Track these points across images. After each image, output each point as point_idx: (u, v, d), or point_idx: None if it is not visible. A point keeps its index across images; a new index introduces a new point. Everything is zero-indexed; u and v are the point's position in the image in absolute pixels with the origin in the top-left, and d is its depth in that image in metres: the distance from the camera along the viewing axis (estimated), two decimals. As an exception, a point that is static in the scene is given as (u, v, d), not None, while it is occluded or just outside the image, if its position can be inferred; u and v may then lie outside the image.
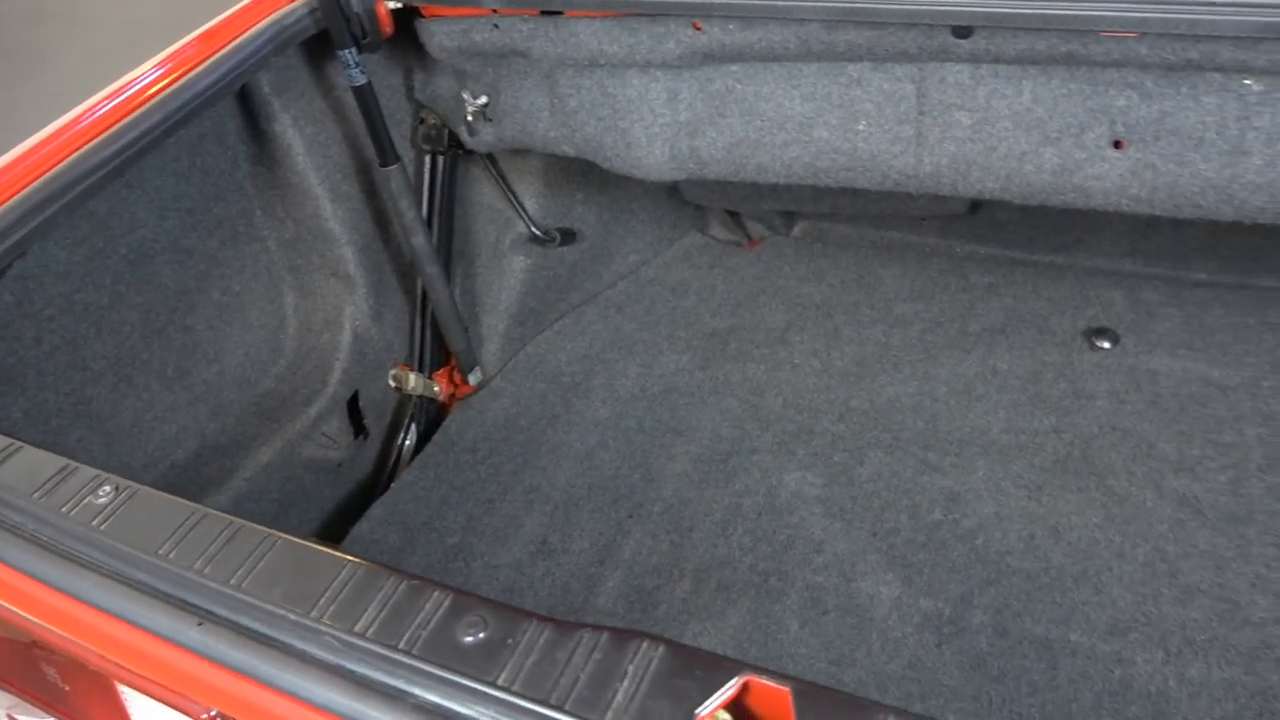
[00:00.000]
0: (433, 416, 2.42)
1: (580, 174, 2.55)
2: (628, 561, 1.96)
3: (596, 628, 0.87)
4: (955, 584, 1.82)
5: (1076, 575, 1.80)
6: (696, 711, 0.81)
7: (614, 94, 1.94)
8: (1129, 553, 1.82)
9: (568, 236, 2.55)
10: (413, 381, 2.33)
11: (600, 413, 2.32)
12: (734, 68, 1.85)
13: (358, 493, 2.27)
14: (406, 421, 2.38)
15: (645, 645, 0.85)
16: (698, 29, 1.77)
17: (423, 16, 2.01)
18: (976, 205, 2.51)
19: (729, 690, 0.82)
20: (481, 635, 0.88)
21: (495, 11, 1.89)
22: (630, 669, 0.83)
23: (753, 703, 0.83)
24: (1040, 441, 2.06)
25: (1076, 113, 1.65)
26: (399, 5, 1.93)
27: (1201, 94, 1.56)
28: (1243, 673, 1.61)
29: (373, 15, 1.90)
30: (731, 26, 1.74)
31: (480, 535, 2.06)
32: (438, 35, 2.02)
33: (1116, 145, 1.66)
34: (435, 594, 0.91)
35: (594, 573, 1.95)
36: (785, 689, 0.80)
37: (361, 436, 2.26)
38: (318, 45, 2.01)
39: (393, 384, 2.33)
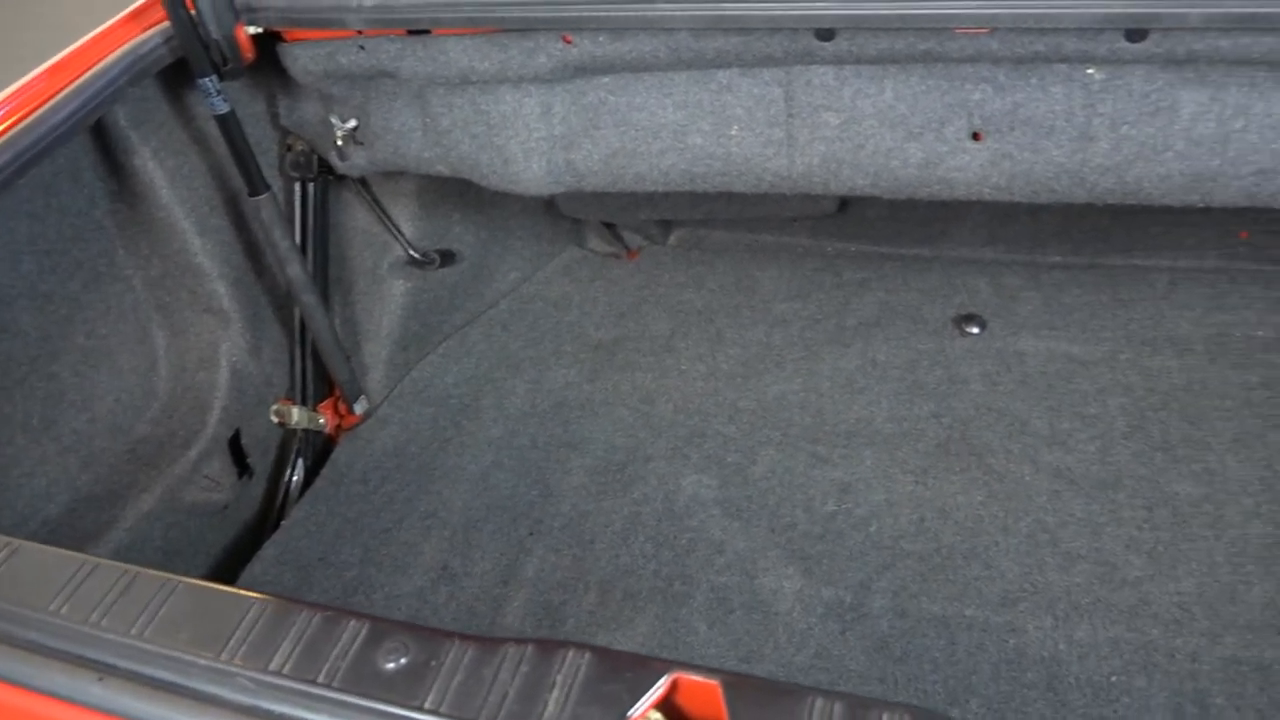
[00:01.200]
0: (319, 450, 2.36)
1: (456, 194, 2.53)
2: (531, 579, 1.95)
3: (520, 641, 0.87)
4: (853, 572, 1.87)
5: (966, 552, 1.87)
6: (629, 714, 0.81)
7: (487, 111, 1.94)
8: (1012, 526, 1.90)
9: (447, 258, 2.53)
10: (296, 415, 2.27)
11: (492, 432, 2.30)
12: (605, 79, 1.87)
13: (246, 535, 2.20)
14: (292, 457, 2.31)
15: (571, 654, 0.85)
16: (568, 42, 1.78)
17: (285, 41, 1.97)
18: (845, 204, 2.59)
19: (659, 690, 0.82)
20: (403, 660, 0.86)
21: (361, 33, 1.86)
22: (559, 678, 0.83)
23: (682, 700, 0.84)
24: (922, 427, 2.13)
25: (936, 108, 1.73)
26: (260, 30, 1.89)
27: (1049, 84, 1.65)
28: (1125, 630, 1.70)
29: (233, 41, 1.85)
30: (602, 38, 1.76)
31: (379, 566, 2.02)
32: (301, 59, 1.98)
33: (975, 137, 1.74)
34: (351, 623, 0.89)
35: (499, 593, 1.93)
36: (714, 682, 0.81)
37: (246, 476, 2.19)
38: (176, 75, 1.94)
39: (275, 420, 2.26)
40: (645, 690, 0.82)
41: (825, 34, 1.63)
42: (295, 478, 2.30)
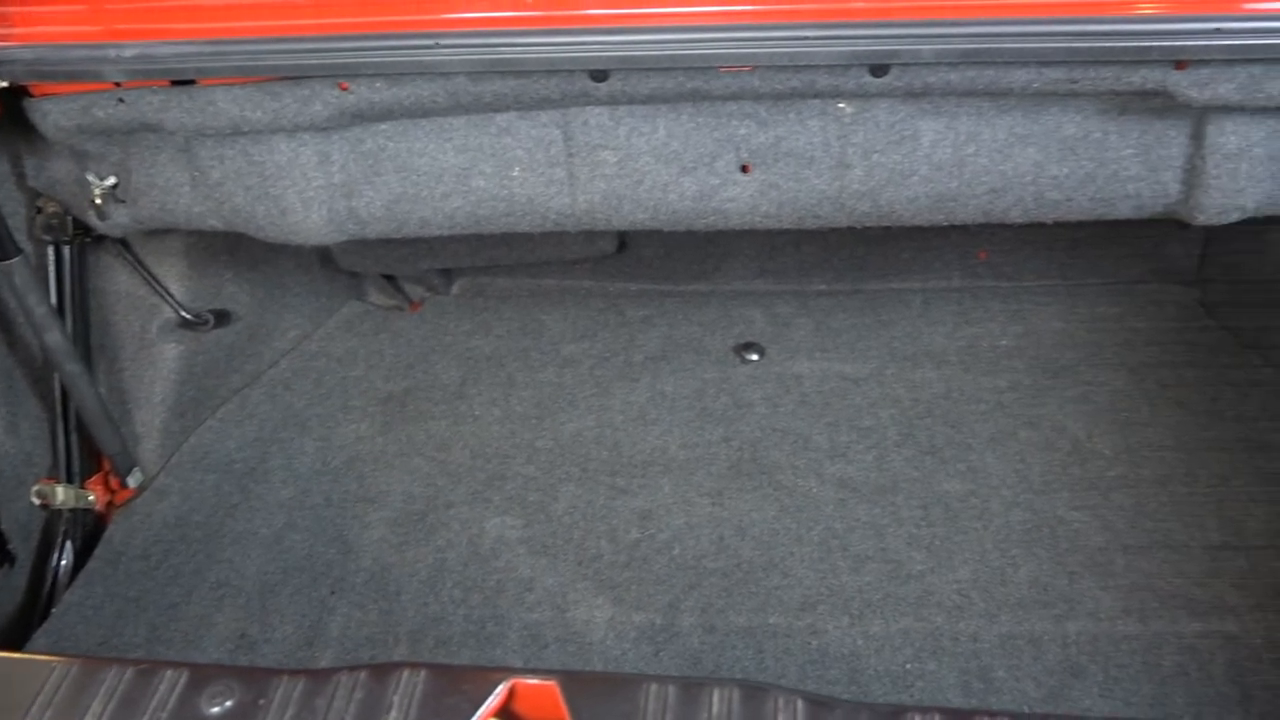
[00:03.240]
0: (90, 529, 2.19)
1: (227, 251, 2.44)
2: (337, 638, 1.89)
3: (353, 668, 0.85)
4: (661, 595, 1.92)
5: (765, 565, 1.95)
6: (470, 724, 0.81)
7: (261, 161, 1.89)
8: (805, 536, 2.00)
9: (221, 317, 2.43)
10: (61, 495, 2.11)
11: (282, 494, 2.22)
12: (384, 126, 1.87)
13: (11, 628, 2.01)
14: (59, 540, 2.14)
15: (406, 673, 0.84)
16: (344, 89, 1.77)
17: (32, 95, 1.86)
18: (623, 244, 2.68)
19: (496, 698, 0.83)
20: (229, 703, 0.83)
21: (120, 85, 1.78)
22: (396, 699, 0.82)
23: (520, 706, 0.85)
24: (714, 452, 2.22)
25: (706, 143, 1.83)
26: (4, 84, 1.77)
27: (806, 118, 1.79)
28: (913, 620, 1.83)
29: (-26, 95, 1.73)
30: (379, 84, 1.76)
31: (168, 644, 1.90)
32: (52, 114, 1.87)
33: (744, 169, 1.86)
34: (168, 673, 0.85)
35: (303, 656, 1.86)
36: (551, 683, 0.83)
37: (6, 565, 2.01)
38: None
39: (38, 501, 2.10)
40: (484, 699, 0.83)
41: (599, 75, 1.71)
42: (64, 561, 2.13)
